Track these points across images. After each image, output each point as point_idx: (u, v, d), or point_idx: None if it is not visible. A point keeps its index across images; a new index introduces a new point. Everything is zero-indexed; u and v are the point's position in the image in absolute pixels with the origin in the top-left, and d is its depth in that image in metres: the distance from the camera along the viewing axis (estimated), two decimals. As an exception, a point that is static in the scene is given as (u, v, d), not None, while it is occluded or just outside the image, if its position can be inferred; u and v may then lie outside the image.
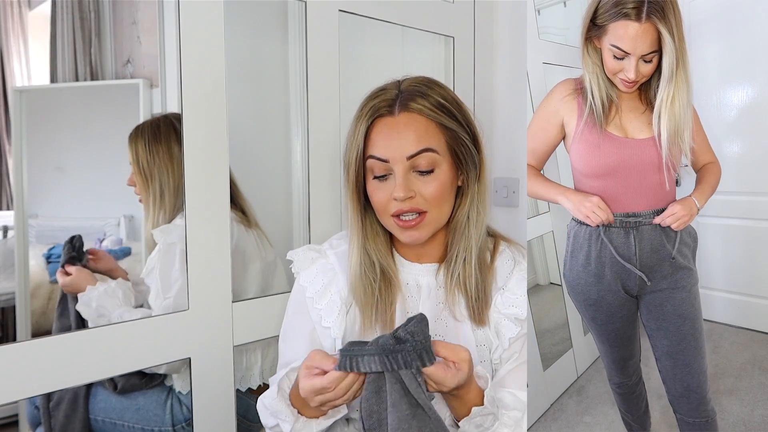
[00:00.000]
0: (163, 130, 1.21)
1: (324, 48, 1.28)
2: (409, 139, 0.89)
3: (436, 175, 0.91)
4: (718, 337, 1.80)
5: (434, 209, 0.91)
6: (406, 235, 0.92)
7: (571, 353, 1.74)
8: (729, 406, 1.52)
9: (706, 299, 1.83)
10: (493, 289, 0.96)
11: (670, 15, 0.94)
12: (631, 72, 1.00)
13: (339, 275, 0.99)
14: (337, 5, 1.29)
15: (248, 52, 1.44)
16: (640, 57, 0.98)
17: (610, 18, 0.98)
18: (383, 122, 0.91)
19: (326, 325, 0.97)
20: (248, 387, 1.34)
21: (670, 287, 1.09)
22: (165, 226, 1.21)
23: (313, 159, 1.28)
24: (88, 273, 1.18)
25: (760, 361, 1.68)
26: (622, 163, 1.05)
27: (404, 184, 0.89)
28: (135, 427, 1.22)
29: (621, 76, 1.02)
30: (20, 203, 1.20)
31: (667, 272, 1.09)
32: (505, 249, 1.00)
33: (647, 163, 1.04)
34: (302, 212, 1.37)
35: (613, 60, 1.01)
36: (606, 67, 1.04)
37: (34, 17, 1.27)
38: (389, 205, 0.91)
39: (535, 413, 1.57)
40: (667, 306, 1.09)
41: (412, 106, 0.90)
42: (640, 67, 1.00)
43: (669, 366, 1.12)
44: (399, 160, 0.89)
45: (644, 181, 1.06)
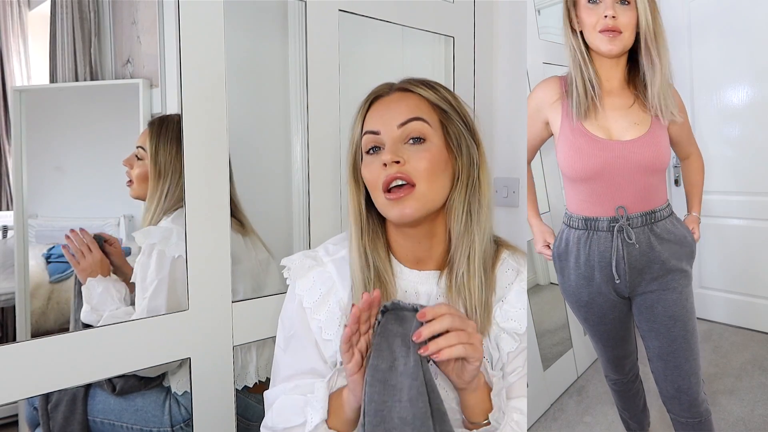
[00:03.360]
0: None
1: (324, 48, 1.28)
2: (401, 109, 0.91)
3: (427, 146, 0.90)
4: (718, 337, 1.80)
5: (423, 182, 0.88)
6: (394, 210, 0.88)
7: (571, 353, 1.74)
8: (729, 406, 1.52)
9: (706, 299, 1.83)
10: (492, 300, 0.93)
11: None
12: (609, 8, 0.95)
13: (337, 284, 0.96)
14: (337, 5, 1.30)
15: (248, 52, 1.44)
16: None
17: None
18: (379, 101, 0.95)
19: (327, 337, 0.94)
20: (244, 385, 1.33)
21: (661, 288, 1.07)
22: (147, 228, 1.20)
23: (313, 159, 1.27)
24: (107, 262, 1.18)
25: (760, 361, 1.68)
26: (606, 166, 1.01)
27: (393, 149, 0.89)
28: (134, 428, 1.22)
29: (600, 25, 0.97)
30: (20, 203, 1.20)
31: (657, 274, 1.06)
32: (507, 257, 0.98)
33: (634, 165, 1.01)
34: (302, 212, 1.37)
35: (588, 8, 0.97)
36: (584, 25, 1.00)
37: (34, 17, 1.27)
38: (379, 177, 0.89)
39: (535, 413, 1.57)
40: (658, 307, 1.07)
41: (408, 86, 0.95)
42: (618, 9, 0.96)
43: (660, 367, 1.11)
44: (389, 129, 0.90)
45: (632, 183, 1.03)
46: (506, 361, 0.93)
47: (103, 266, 1.17)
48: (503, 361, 0.93)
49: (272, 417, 0.93)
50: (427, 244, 0.95)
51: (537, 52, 1.58)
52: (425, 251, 0.95)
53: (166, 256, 1.17)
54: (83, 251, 1.16)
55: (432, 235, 0.94)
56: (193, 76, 1.07)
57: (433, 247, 0.95)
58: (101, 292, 1.15)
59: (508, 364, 0.93)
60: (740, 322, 1.85)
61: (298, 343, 0.96)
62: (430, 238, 0.94)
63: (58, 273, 1.25)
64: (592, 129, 1.01)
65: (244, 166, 1.29)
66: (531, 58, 1.57)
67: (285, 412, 0.91)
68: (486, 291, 0.92)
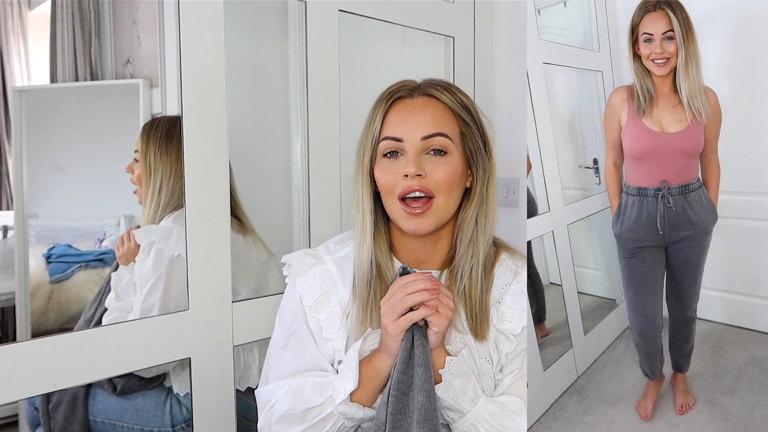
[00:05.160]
0: (179, 130, 1.21)
1: (324, 48, 1.28)
2: (426, 119, 0.90)
3: (448, 160, 0.90)
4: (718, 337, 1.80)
5: (442, 195, 0.89)
6: (411, 223, 0.89)
7: (571, 353, 1.74)
8: (729, 406, 1.52)
9: (706, 299, 1.83)
10: (490, 301, 0.94)
11: (676, 6, 1.35)
12: (657, 47, 1.35)
13: (338, 283, 0.96)
14: (337, 5, 1.30)
15: (248, 52, 1.44)
16: (662, 35, 1.35)
17: (638, 17, 1.39)
18: (401, 103, 0.93)
19: (327, 336, 0.94)
20: (247, 386, 1.33)
21: (686, 241, 1.46)
22: (148, 226, 1.20)
23: (313, 159, 1.27)
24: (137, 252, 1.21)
25: (760, 361, 1.68)
26: (657, 150, 1.39)
27: (416, 161, 0.88)
28: (134, 428, 1.22)
29: (653, 56, 1.36)
30: (20, 203, 1.20)
31: (686, 231, 1.45)
32: (506, 259, 0.98)
33: (675, 150, 1.39)
34: (302, 212, 1.37)
35: (645, 45, 1.37)
36: (643, 55, 1.38)
37: (34, 17, 1.27)
38: (397, 185, 0.89)
39: (535, 413, 1.57)
40: (681, 254, 1.47)
41: (433, 92, 0.93)
42: (665, 45, 1.35)
43: (671, 287, 1.53)
44: (413, 139, 0.89)
45: (673, 163, 1.40)
46: (505, 362, 0.93)
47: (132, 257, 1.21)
48: (502, 363, 0.93)
49: (285, 403, 0.92)
50: (430, 248, 0.95)
51: (537, 52, 1.58)
52: (427, 254, 0.96)
53: (164, 254, 1.17)
54: (123, 239, 1.20)
55: (437, 240, 0.95)
56: (193, 76, 1.07)
57: (436, 251, 0.96)
58: (128, 281, 1.17)
59: (506, 366, 0.93)
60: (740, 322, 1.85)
61: (299, 339, 0.96)
62: (435, 242, 0.95)
63: (59, 273, 1.25)
64: (648, 123, 1.40)
65: (244, 166, 1.30)
66: (531, 58, 1.57)
67: (302, 396, 0.91)
68: (484, 293, 0.93)
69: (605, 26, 1.74)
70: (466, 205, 0.95)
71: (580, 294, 1.75)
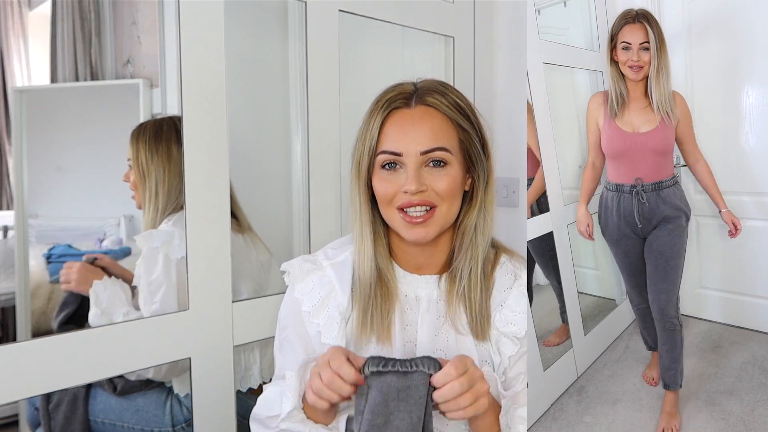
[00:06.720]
0: (166, 130, 1.21)
1: (324, 48, 1.28)
2: (425, 133, 0.88)
3: (448, 170, 0.89)
4: (718, 337, 1.80)
5: (445, 204, 0.89)
6: (412, 232, 0.89)
7: (571, 353, 1.74)
8: (729, 406, 1.52)
9: (707, 299, 1.83)
10: (491, 303, 0.94)
11: (652, 20, 1.48)
12: (634, 55, 1.47)
13: (337, 288, 0.96)
14: (337, 5, 1.29)
15: (248, 52, 1.44)
16: (639, 45, 1.47)
17: (618, 27, 1.51)
18: (399, 114, 0.91)
19: (326, 341, 0.94)
20: (249, 387, 1.33)
21: (658, 231, 1.55)
22: (148, 231, 1.20)
23: (313, 159, 1.27)
24: (93, 268, 1.18)
25: (760, 361, 1.68)
26: (630, 149, 1.51)
27: (416, 177, 0.87)
28: (135, 428, 1.22)
29: (629, 63, 1.48)
30: (20, 203, 1.20)
31: (658, 222, 1.55)
32: (506, 261, 0.98)
33: (647, 149, 1.50)
34: (302, 213, 1.37)
35: (623, 52, 1.49)
36: (620, 61, 1.50)
37: (34, 17, 1.27)
38: (396, 197, 0.89)
39: (535, 413, 1.57)
40: (654, 244, 1.56)
41: (429, 100, 0.91)
42: (641, 54, 1.47)
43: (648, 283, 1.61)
44: (412, 154, 0.88)
45: (645, 161, 1.51)
46: (508, 365, 0.93)
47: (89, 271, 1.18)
48: (505, 366, 0.93)
49: (257, 407, 0.94)
50: (429, 253, 0.95)
51: (537, 52, 1.58)
52: (426, 259, 0.96)
53: (171, 260, 1.17)
54: (66, 267, 1.17)
55: (436, 245, 0.95)
56: (193, 77, 1.07)
57: (435, 255, 0.96)
58: (109, 295, 1.15)
59: (510, 369, 0.94)
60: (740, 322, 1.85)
61: (290, 345, 0.97)
62: (434, 247, 0.95)
63: (59, 273, 1.25)
64: (621, 124, 1.52)
65: (244, 166, 1.29)
66: (531, 58, 1.57)
67: (267, 402, 0.92)
68: (485, 295, 0.93)
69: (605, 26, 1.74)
70: (467, 210, 0.94)
71: (580, 294, 1.75)
